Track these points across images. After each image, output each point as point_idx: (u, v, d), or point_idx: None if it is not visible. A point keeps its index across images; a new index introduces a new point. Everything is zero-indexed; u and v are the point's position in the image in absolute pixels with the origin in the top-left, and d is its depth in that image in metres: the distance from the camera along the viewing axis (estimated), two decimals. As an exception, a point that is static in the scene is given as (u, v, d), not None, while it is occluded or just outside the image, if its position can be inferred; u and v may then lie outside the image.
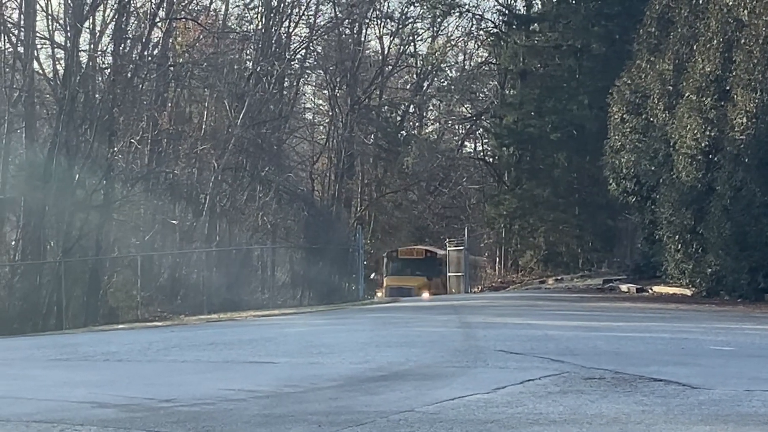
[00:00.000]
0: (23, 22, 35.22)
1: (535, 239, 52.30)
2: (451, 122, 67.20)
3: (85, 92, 35.56)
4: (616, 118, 33.38)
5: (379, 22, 60.57)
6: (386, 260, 51.67)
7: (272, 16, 46.87)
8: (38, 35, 36.14)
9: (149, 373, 11.25)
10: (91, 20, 36.68)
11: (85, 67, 35.86)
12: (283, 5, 47.70)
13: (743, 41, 26.31)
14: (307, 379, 9.77)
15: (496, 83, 62.16)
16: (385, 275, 50.93)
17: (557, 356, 11.17)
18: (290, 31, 49.55)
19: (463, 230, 53.23)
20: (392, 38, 61.80)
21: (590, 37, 49.13)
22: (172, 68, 42.46)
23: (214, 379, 10.15)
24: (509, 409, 7.68)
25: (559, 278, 44.85)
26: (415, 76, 65.72)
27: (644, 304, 26.21)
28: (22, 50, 35.38)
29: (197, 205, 41.62)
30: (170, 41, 42.44)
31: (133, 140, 38.42)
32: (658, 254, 32.15)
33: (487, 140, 64.87)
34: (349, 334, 16.20)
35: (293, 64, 50.90)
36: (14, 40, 36.18)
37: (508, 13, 56.41)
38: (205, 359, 12.23)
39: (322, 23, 53.65)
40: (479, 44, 63.68)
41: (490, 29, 59.40)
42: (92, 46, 37.28)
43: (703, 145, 27.53)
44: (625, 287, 33.56)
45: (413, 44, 63.83)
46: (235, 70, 44.39)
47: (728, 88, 26.70)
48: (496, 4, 57.62)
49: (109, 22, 37.98)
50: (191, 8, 45.73)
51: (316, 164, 58.70)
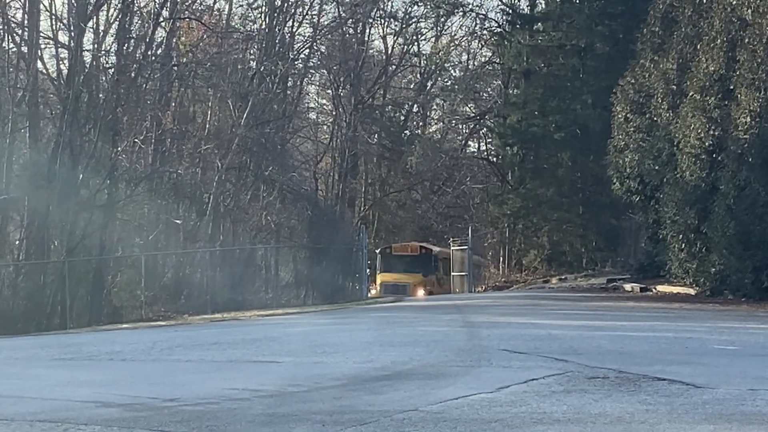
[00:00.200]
0: (27, 21, 35.24)
1: (538, 239, 52.26)
2: (454, 122, 67.19)
3: (88, 92, 35.55)
4: (619, 117, 33.36)
5: (382, 21, 60.65)
6: (379, 256, 49.95)
7: (276, 15, 46.87)
8: (42, 35, 36.13)
9: (153, 372, 11.26)
10: (94, 20, 36.67)
11: (88, 66, 35.85)
12: (286, 5, 47.71)
13: (747, 40, 26.29)
14: (311, 378, 9.77)
15: (499, 83, 62.18)
16: (378, 272, 49.29)
17: (561, 355, 11.16)
18: (294, 30, 49.58)
19: (466, 230, 53.02)
20: (396, 38, 61.88)
21: (594, 36, 49.12)
22: (175, 68, 42.47)
23: (218, 378, 10.15)
24: (513, 408, 7.68)
25: (562, 278, 44.82)
26: (418, 75, 65.74)
27: (648, 303, 26.19)
28: (25, 50, 35.40)
29: (201, 204, 41.59)
30: (174, 41, 42.45)
31: (136, 140, 38.44)
32: (661, 253, 32.13)
33: (490, 140, 64.84)
34: (352, 333, 16.20)
35: (297, 63, 50.90)
36: (18, 39, 36.22)
37: (511, 12, 56.37)
38: (208, 359, 12.24)
39: (325, 23, 53.73)
40: (483, 44, 63.69)
41: (493, 29, 59.41)
42: (96, 45, 37.26)
43: (706, 144, 27.51)
44: (628, 286, 33.52)
45: (417, 44, 63.97)
46: (238, 69, 44.35)
47: (732, 87, 26.68)
48: (499, 3, 57.59)
49: (112, 21, 37.98)
50: (195, 8, 45.74)
51: (319, 164, 58.71)
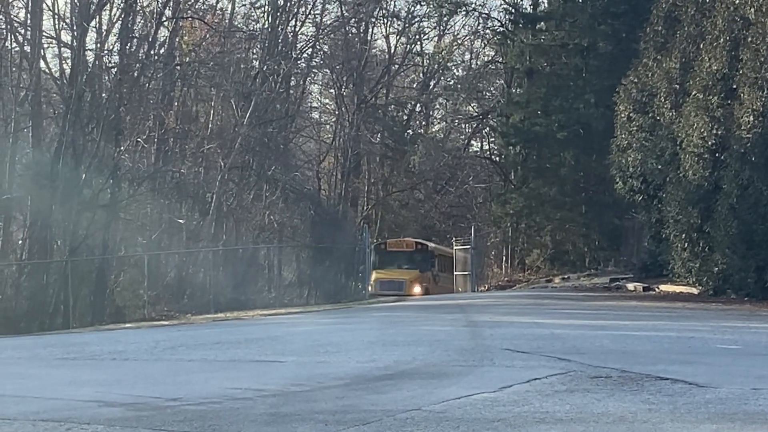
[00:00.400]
0: (30, 21, 35.29)
1: (541, 238, 52.23)
2: (457, 121, 67.16)
3: (91, 91, 35.61)
4: (622, 116, 33.33)
5: (385, 21, 60.60)
6: (374, 253, 47.59)
7: (279, 15, 46.89)
8: (45, 34, 36.24)
9: (156, 372, 11.25)
10: (97, 19, 36.79)
11: (91, 66, 35.92)
12: (289, 4, 47.73)
13: (750, 39, 26.26)
14: (313, 377, 9.77)
15: (502, 82, 62.10)
16: (373, 268, 46.81)
17: (564, 355, 11.16)
18: (297, 30, 49.62)
19: (469, 229, 52.90)
20: (399, 37, 61.81)
21: (597, 35, 49.08)
22: (178, 67, 42.52)
23: (220, 378, 10.14)
24: (516, 407, 7.68)
25: (565, 277, 44.78)
26: (421, 74, 65.69)
27: (651, 302, 26.17)
28: (28, 49, 35.45)
29: (204, 204, 41.63)
30: (177, 40, 42.50)
31: (139, 139, 38.50)
32: (664, 253, 32.10)
33: (493, 139, 64.77)
34: (355, 333, 16.19)
35: (300, 63, 51.01)
36: (21, 39, 36.28)
37: (514, 11, 56.27)
38: (211, 358, 12.24)
39: (328, 22, 53.78)
40: (486, 43, 63.62)
41: (496, 28, 59.34)
42: (99, 45, 37.34)
43: (709, 143, 27.48)
44: (631, 286, 33.48)
45: (420, 43, 63.93)
46: (241, 69, 44.42)
47: (735, 86, 26.66)
48: (502, 2, 57.42)
49: (115, 21, 38.06)
50: (198, 7, 45.84)
51: (322, 163, 58.71)
